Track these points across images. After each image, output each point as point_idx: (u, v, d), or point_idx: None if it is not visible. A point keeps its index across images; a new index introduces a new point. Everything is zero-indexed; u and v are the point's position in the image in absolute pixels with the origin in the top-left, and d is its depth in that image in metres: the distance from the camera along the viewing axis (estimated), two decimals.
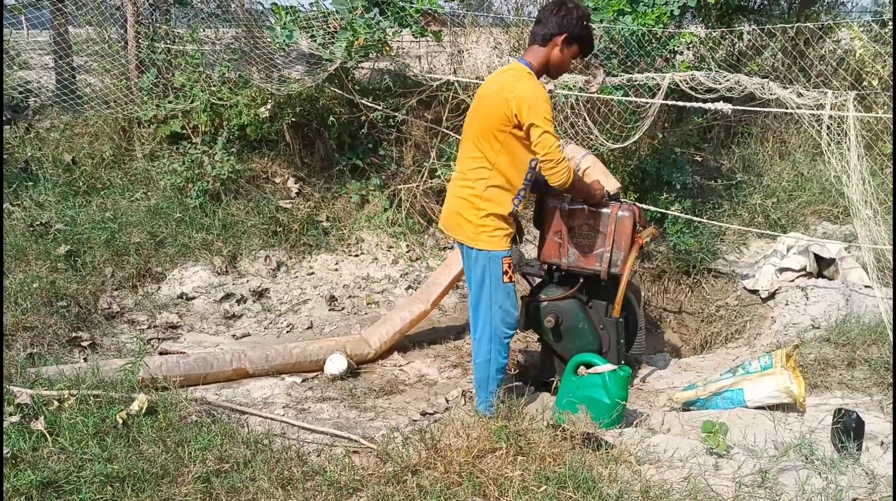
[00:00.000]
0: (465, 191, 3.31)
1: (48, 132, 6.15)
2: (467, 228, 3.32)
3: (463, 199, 3.32)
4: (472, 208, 3.28)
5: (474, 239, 3.30)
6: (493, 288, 3.33)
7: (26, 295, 4.25)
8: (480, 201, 3.26)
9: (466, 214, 3.30)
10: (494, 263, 3.30)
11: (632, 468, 2.79)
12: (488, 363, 3.43)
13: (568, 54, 3.26)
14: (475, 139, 3.28)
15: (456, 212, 3.37)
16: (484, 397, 3.47)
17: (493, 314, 3.37)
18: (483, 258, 3.31)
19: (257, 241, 5.43)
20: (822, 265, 4.86)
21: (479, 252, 3.31)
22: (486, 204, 3.26)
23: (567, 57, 3.27)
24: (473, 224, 3.29)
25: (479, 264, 3.34)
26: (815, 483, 2.61)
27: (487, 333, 3.40)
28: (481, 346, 3.43)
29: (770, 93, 4.57)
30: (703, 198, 5.86)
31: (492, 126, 3.19)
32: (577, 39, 3.24)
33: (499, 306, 3.36)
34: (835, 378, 3.63)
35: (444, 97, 5.96)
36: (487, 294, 3.35)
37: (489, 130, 3.21)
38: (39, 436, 2.81)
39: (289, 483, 2.72)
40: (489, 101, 3.23)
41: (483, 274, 3.34)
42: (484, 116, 3.24)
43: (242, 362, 3.98)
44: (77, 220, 5.13)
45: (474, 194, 3.27)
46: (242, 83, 5.82)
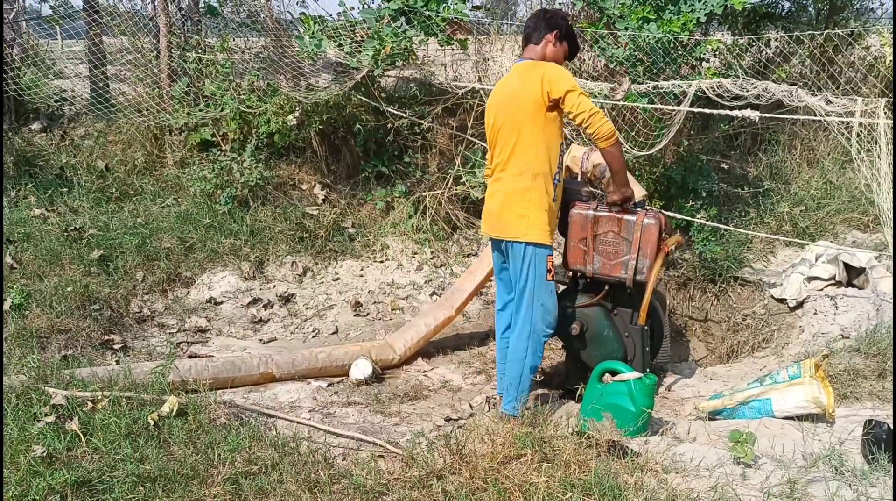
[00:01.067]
0: (511, 186, 3.41)
1: (82, 140, 6.29)
2: (515, 222, 3.40)
3: (509, 194, 3.41)
4: (523, 202, 3.38)
5: (526, 232, 3.38)
6: (536, 285, 3.42)
7: (61, 299, 4.34)
8: (530, 193, 3.36)
9: (516, 208, 3.40)
10: (539, 259, 3.40)
11: (658, 476, 2.77)
12: (523, 361, 3.48)
13: (560, 50, 3.50)
14: (511, 135, 3.38)
15: (502, 210, 3.45)
16: (513, 396, 3.51)
17: (534, 311, 3.45)
18: (530, 254, 3.40)
19: (284, 247, 5.49)
20: (851, 274, 4.80)
21: (526, 247, 3.39)
22: (535, 195, 3.36)
23: (560, 52, 3.50)
24: (524, 217, 3.38)
25: (525, 260, 3.42)
26: (845, 495, 2.58)
27: (527, 330, 3.46)
28: (519, 343, 3.49)
29: (798, 100, 4.54)
30: (729, 206, 5.82)
31: (528, 116, 3.33)
32: (566, 37, 3.51)
33: (541, 305, 3.44)
34: (865, 389, 3.58)
35: (469, 105, 5.99)
36: (530, 292, 3.43)
37: (526, 120, 3.34)
38: (74, 436, 2.87)
39: (316, 486, 2.75)
40: (516, 96, 3.37)
41: (528, 271, 3.42)
42: (516, 109, 3.36)
43: (269, 366, 4.03)
44: (110, 225, 5.23)
45: (523, 186, 3.37)
46: (271, 91, 5.91)
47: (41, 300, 4.28)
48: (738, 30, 6.47)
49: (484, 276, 4.73)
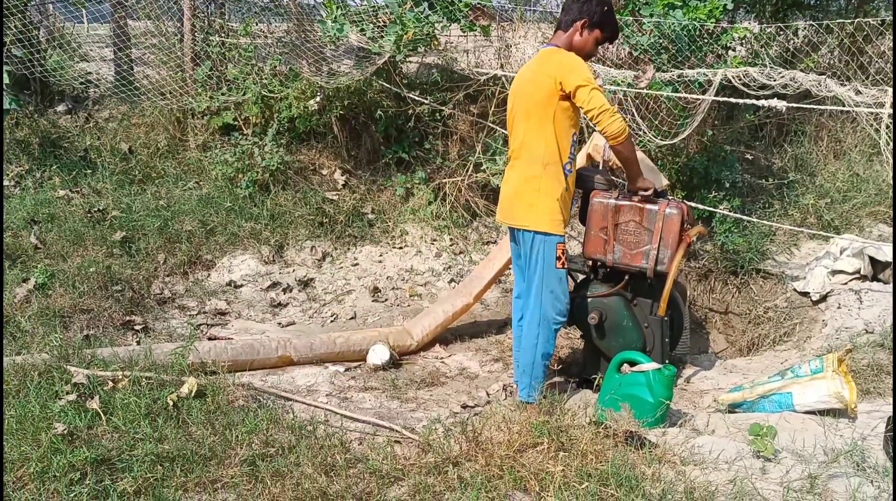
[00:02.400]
0: (521, 174, 3.43)
1: (106, 122, 6.34)
2: (525, 210, 3.42)
3: (520, 182, 3.43)
4: (532, 190, 3.38)
5: (535, 221, 3.40)
6: (545, 272, 3.43)
7: (83, 279, 4.39)
8: (539, 181, 3.36)
9: (525, 196, 3.41)
10: (549, 247, 3.40)
11: (676, 468, 2.76)
12: (535, 348, 3.49)
13: (590, 38, 3.40)
14: (522, 122, 3.41)
15: (513, 197, 3.47)
16: (527, 383, 3.53)
17: (543, 298, 3.46)
18: (539, 242, 3.41)
19: (304, 231, 5.51)
20: (877, 269, 4.72)
21: (535, 235, 3.41)
22: (545, 183, 3.36)
23: (589, 41, 3.41)
24: (533, 205, 3.39)
25: (534, 249, 3.43)
26: (867, 491, 2.55)
27: (537, 317, 3.48)
28: (530, 330, 3.51)
29: (827, 90, 4.45)
30: (752, 197, 5.74)
31: (538, 104, 3.32)
32: (598, 25, 3.38)
33: (550, 291, 3.44)
34: (888, 385, 3.53)
35: (490, 92, 5.95)
36: (539, 279, 3.44)
37: (536, 109, 3.33)
38: (94, 415, 2.91)
39: (332, 470, 2.77)
40: (531, 82, 3.36)
41: (537, 258, 3.43)
42: (528, 96, 3.37)
43: (288, 349, 4.05)
44: (132, 207, 5.28)
45: (533, 174, 3.38)
46: (292, 76, 5.91)
47: (64, 280, 4.33)
48: (765, 18, 6.35)
49: (503, 264, 4.72)
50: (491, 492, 2.59)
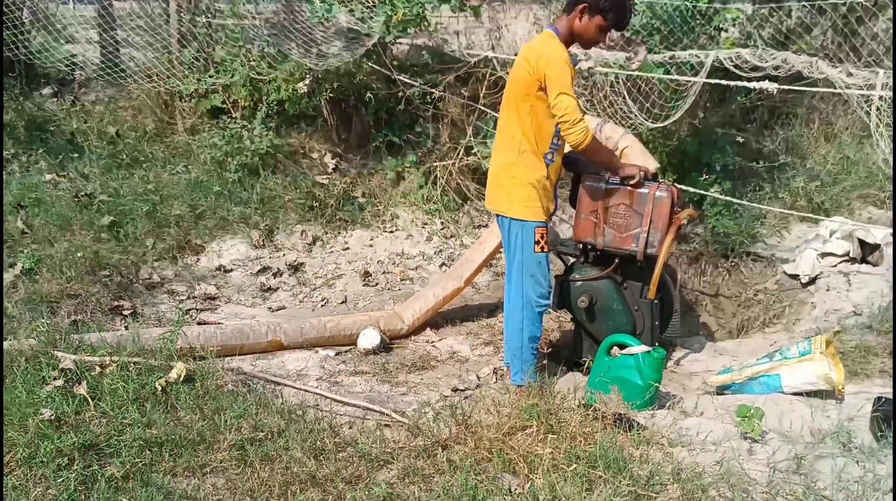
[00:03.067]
0: (500, 160, 3.46)
1: (93, 105, 6.28)
2: (503, 197, 3.44)
3: (499, 168, 3.46)
4: (509, 177, 3.40)
5: (509, 208, 3.42)
6: (524, 257, 3.44)
7: (71, 264, 4.36)
8: (515, 168, 3.37)
9: (503, 183, 3.43)
10: (527, 232, 3.40)
11: (663, 450, 2.77)
12: (521, 332, 3.51)
13: (591, 25, 3.25)
14: (506, 108, 3.42)
15: (493, 183, 3.51)
16: (518, 367, 3.55)
17: (525, 283, 3.46)
18: (516, 228, 3.43)
19: (294, 215, 5.48)
20: (866, 251, 4.73)
21: (512, 221, 3.43)
22: (520, 170, 3.36)
23: (591, 27, 3.26)
24: (509, 193, 3.40)
25: (512, 234, 3.46)
26: (853, 472, 2.57)
27: (520, 302, 3.49)
28: (514, 315, 3.53)
29: (819, 72, 4.43)
30: (743, 180, 5.73)
31: (521, 90, 3.30)
32: (600, 11, 3.21)
33: (530, 276, 3.44)
34: (876, 366, 3.55)
35: (481, 74, 5.90)
36: (519, 264, 3.46)
37: (518, 95, 3.32)
38: (82, 400, 2.90)
39: (321, 454, 2.77)
40: (519, 67, 3.34)
41: (515, 243, 3.45)
42: (513, 81, 3.37)
43: (278, 334, 4.04)
44: (120, 191, 5.24)
45: (510, 160, 3.39)
46: (281, 58, 5.85)
47: (51, 265, 4.30)
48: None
49: (493, 247, 4.70)
50: (480, 475, 2.60)
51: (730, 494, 2.45)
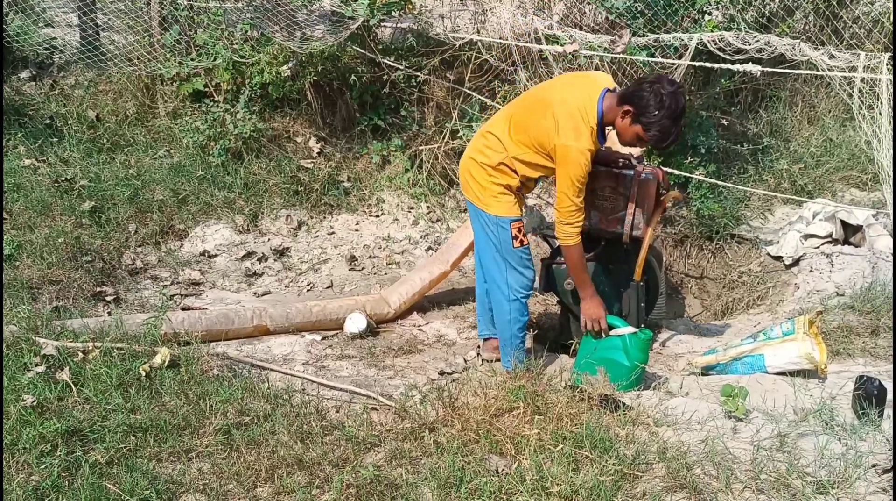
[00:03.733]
0: (480, 155, 3.40)
1: (72, 89, 6.17)
2: (477, 189, 3.42)
3: (475, 162, 3.41)
4: (483, 173, 3.38)
5: (485, 203, 3.40)
6: (505, 253, 3.43)
7: (52, 250, 4.30)
8: (491, 170, 3.37)
9: (476, 174, 3.41)
10: (502, 229, 3.39)
11: (649, 429, 2.79)
12: (509, 323, 3.53)
13: (631, 130, 3.13)
14: (513, 126, 3.33)
15: (467, 169, 3.47)
16: (509, 354, 3.58)
17: (508, 276, 3.47)
18: (491, 223, 3.41)
19: (278, 200, 5.44)
20: (848, 232, 4.78)
21: (487, 216, 3.41)
22: (496, 174, 3.37)
23: (630, 132, 3.14)
24: (482, 186, 3.39)
25: (488, 228, 3.44)
26: (835, 449, 2.60)
27: (505, 294, 3.50)
28: (500, 307, 3.53)
29: (801, 54, 4.45)
30: (728, 163, 5.75)
31: (529, 136, 3.25)
32: (644, 125, 3.07)
33: (514, 269, 3.46)
34: (858, 346, 3.59)
35: (466, 57, 5.87)
36: (500, 258, 3.45)
37: (525, 137, 3.27)
38: (65, 386, 2.87)
39: (308, 437, 2.76)
40: (544, 108, 3.21)
41: (492, 239, 3.43)
42: (531, 119, 3.26)
43: (263, 319, 4.02)
44: (101, 176, 5.16)
45: (488, 162, 3.37)
46: (264, 41, 5.78)
47: (32, 251, 4.24)
48: None
49: None
50: (467, 456, 2.61)
51: (714, 472, 2.47)
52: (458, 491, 2.39)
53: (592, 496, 2.31)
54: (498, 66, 5.64)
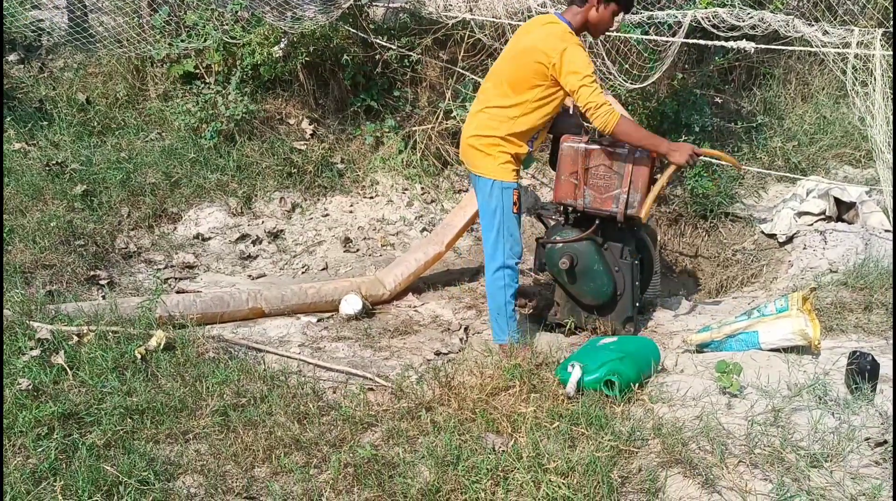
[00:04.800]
0: (485, 127, 3.46)
1: (62, 72, 6.12)
2: (481, 159, 3.49)
3: (481, 135, 3.47)
4: (490, 144, 3.45)
5: (492, 171, 3.47)
6: (504, 218, 3.51)
7: (44, 234, 4.28)
8: (500, 141, 3.44)
9: (484, 147, 3.47)
10: (507, 194, 3.48)
11: (644, 406, 2.81)
12: (503, 289, 3.58)
13: (606, 13, 3.36)
14: (507, 84, 3.41)
15: (471, 145, 3.52)
16: (502, 325, 3.61)
17: (504, 243, 3.54)
18: (497, 190, 3.48)
19: (272, 182, 5.42)
20: (842, 209, 4.79)
21: (493, 183, 3.48)
22: (504, 143, 3.44)
23: (605, 15, 3.37)
24: (492, 156, 3.46)
25: (493, 196, 3.50)
26: (828, 423, 2.62)
27: (500, 262, 3.56)
28: (495, 275, 3.59)
29: (795, 30, 4.42)
30: (722, 141, 5.75)
31: (527, 78, 3.35)
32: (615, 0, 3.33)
33: (510, 235, 3.54)
34: (851, 322, 3.61)
35: (459, 36, 5.83)
36: (499, 223, 3.52)
37: (523, 81, 3.36)
38: (60, 370, 2.87)
39: (305, 418, 2.77)
40: (527, 52, 3.35)
41: (496, 205, 3.50)
42: (519, 65, 3.37)
43: (258, 301, 4.02)
44: (92, 160, 5.13)
45: (496, 133, 3.43)
46: (255, 22, 5.72)
47: (24, 236, 4.22)
48: None
49: (474, 211, 4.68)
50: (464, 435, 2.62)
51: (709, 447, 2.49)
52: (455, 469, 2.40)
53: (588, 472, 2.33)
54: (491, 45, 5.60)
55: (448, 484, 2.34)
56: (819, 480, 2.33)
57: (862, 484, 2.30)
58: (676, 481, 2.37)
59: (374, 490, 2.36)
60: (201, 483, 2.40)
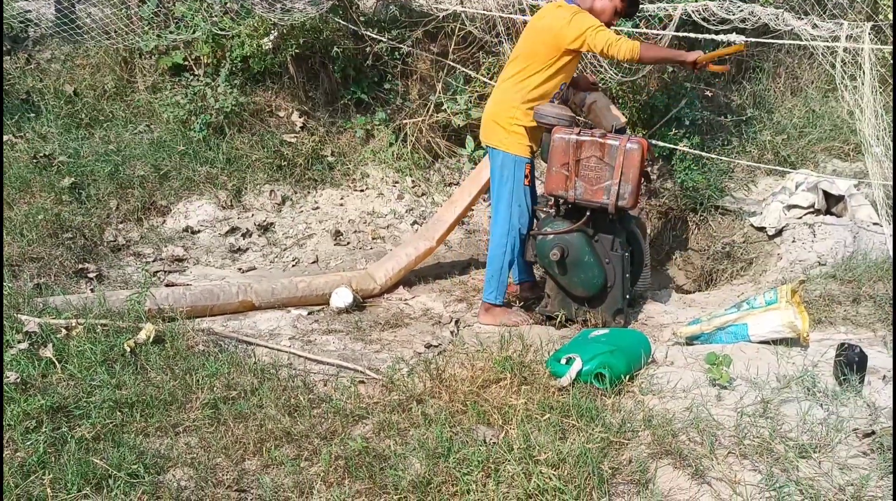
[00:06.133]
0: (504, 100, 3.83)
1: (49, 63, 6.05)
2: (500, 132, 3.84)
3: (501, 107, 3.84)
4: (507, 117, 3.81)
5: (507, 144, 3.83)
6: (515, 188, 3.85)
7: (31, 227, 4.25)
8: (516, 111, 3.78)
9: (501, 120, 3.83)
10: (519, 167, 3.84)
11: (635, 398, 2.82)
12: (503, 256, 3.91)
13: (609, 7, 3.72)
14: (521, 59, 3.79)
15: (491, 119, 3.89)
16: (494, 287, 3.95)
17: (513, 211, 3.87)
18: (510, 162, 3.84)
19: (262, 175, 5.39)
20: (830, 202, 4.81)
21: (506, 155, 3.84)
22: (519, 114, 3.78)
23: (608, 9, 3.72)
24: (506, 130, 3.82)
25: (506, 167, 3.86)
26: (817, 414, 2.64)
27: (506, 228, 3.89)
28: (499, 240, 3.92)
29: (784, 24, 4.44)
30: (712, 134, 5.76)
31: (539, 51, 3.70)
32: None
33: (518, 205, 3.87)
34: (839, 314, 3.63)
35: (450, 29, 5.81)
36: (509, 193, 3.86)
37: (536, 54, 3.71)
38: (48, 363, 2.85)
39: (295, 410, 2.77)
40: (540, 31, 3.72)
41: (508, 176, 3.86)
42: (534, 42, 3.74)
43: (249, 294, 4.00)
44: (80, 152, 5.09)
45: (512, 104, 3.79)
46: (244, 13, 5.67)
47: (11, 229, 4.18)
48: None
49: (465, 206, 4.69)
50: (455, 427, 2.62)
51: (699, 438, 2.51)
52: (447, 461, 2.40)
53: (579, 463, 2.33)
54: (482, 37, 5.59)
55: (439, 476, 2.35)
56: (807, 470, 2.34)
57: (850, 475, 2.32)
58: (666, 472, 2.39)
59: (366, 483, 2.36)
60: (191, 476, 2.40)
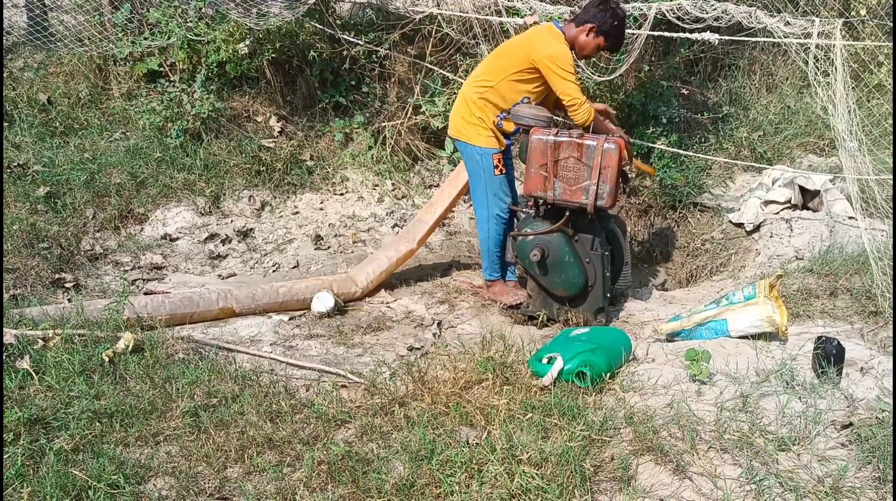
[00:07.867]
0: (467, 96, 3.96)
1: (21, 72, 5.97)
2: (462, 125, 3.98)
3: (463, 101, 3.97)
4: (467, 110, 3.95)
5: (469, 136, 3.96)
6: (487, 180, 3.97)
7: (7, 237, 4.19)
8: (474, 106, 3.92)
9: (463, 113, 3.97)
10: (486, 158, 3.94)
11: (616, 395, 2.83)
12: (488, 239, 4.11)
13: (592, 43, 3.84)
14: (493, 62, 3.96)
15: (456, 113, 4.04)
16: (488, 264, 4.18)
17: (489, 200, 4.02)
18: (476, 155, 3.96)
19: (240, 181, 5.36)
20: (806, 197, 4.87)
21: (472, 148, 3.96)
22: (477, 109, 3.91)
23: (591, 44, 3.85)
24: (468, 122, 3.95)
25: (473, 160, 4.00)
26: (795, 407, 2.67)
27: (485, 215, 4.06)
28: (481, 227, 4.12)
29: (757, 21, 4.48)
30: (689, 132, 5.81)
31: (513, 61, 3.84)
32: (604, 34, 3.82)
33: (493, 194, 4.01)
34: (817, 308, 3.67)
35: (427, 31, 5.81)
36: (483, 185, 4.00)
37: (509, 65, 3.84)
38: (25, 375, 2.81)
39: (277, 416, 2.75)
40: (520, 43, 3.91)
41: (478, 168, 3.99)
42: (511, 52, 3.91)
43: (229, 301, 3.97)
44: (55, 161, 5.03)
45: (472, 99, 3.93)
46: (220, 18, 5.64)
47: None
48: None
49: (445, 208, 4.68)
50: (438, 429, 2.62)
51: (680, 434, 2.52)
52: (430, 463, 2.40)
53: (562, 462, 2.34)
54: (459, 39, 5.60)
55: (422, 478, 2.34)
56: (787, 463, 2.37)
57: (828, 466, 2.35)
58: (648, 468, 2.40)
59: (349, 487, 2.35)
60: (172, 485, 2.37)
